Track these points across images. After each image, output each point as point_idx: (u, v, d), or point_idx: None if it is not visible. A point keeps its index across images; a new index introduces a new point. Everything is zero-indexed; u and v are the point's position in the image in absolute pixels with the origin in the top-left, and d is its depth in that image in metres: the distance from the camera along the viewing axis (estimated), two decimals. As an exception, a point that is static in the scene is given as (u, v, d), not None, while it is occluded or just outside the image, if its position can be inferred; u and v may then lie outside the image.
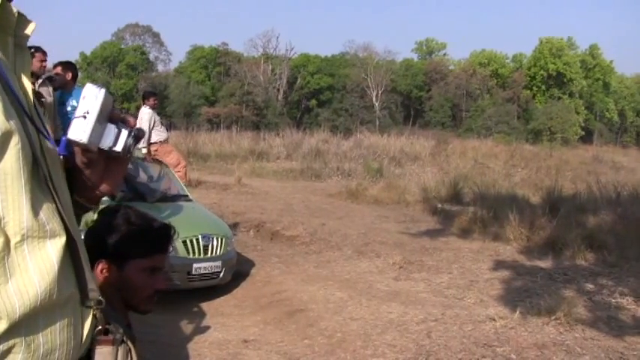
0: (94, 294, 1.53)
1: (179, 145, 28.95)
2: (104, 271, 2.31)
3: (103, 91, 1.51)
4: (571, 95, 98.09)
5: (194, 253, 8.74)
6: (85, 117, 1.48)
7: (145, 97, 14.10)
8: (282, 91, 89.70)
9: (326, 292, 8.75)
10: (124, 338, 1.80)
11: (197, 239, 8.81)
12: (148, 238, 2.40)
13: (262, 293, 9.12)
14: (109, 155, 1.59)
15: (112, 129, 1.56)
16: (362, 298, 8.41)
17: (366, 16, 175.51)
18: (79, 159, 1.56)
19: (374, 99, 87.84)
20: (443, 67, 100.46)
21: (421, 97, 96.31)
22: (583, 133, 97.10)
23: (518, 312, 7.61)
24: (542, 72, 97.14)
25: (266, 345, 7.10)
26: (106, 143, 1.55)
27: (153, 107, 13.58)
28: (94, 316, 1.56)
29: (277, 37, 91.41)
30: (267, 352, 6.87)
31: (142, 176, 10.62)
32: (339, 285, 9.16)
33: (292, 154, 31.90)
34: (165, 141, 14.15)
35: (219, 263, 8.91)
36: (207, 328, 7.63)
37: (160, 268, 2.47)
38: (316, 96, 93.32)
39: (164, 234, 2.47)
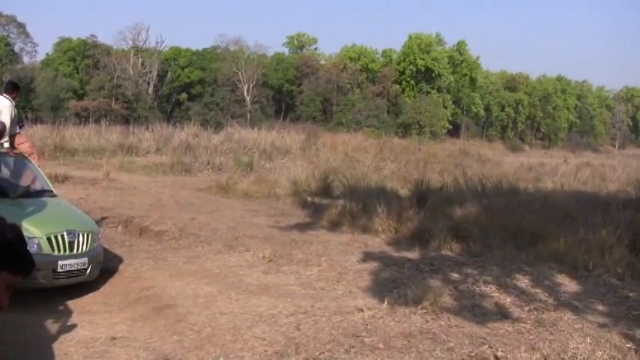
0: None
1: (45, 140, 28.19)
2: None
3: None
4: (439, 90, 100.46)
5: (59, 249, 8.52)
6: None
7: (8, 89, 13.57)
8: (152, 85, 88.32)
9: (195, 287, 8.71)
10: None
11: (62, 236, 8.59)
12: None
13: (130, 289, 8.99)
14: None
15: None
16: (231, 292, 8.40)
17: (238, 10, 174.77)
18: None
19: (245, 93, 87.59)
20: (314, 61, 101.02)
21: (292, 91, 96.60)
22: (451, 127, 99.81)
23: (386, 302, 7.75)
24: (411, 67, 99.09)
25: (134, 342, 7.01)
26: None
27: (13, 100, 13.10)
28: None
29: (147, 30, 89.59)
30: (136, 349, 6.79)
31: (4, 171, 10.31)
32: (208, 279, 9.12)
33: (162, 148, 31.56)
34: (19, 133, 13.71)
35: (85, 260, 8.72)
36: (74, 326, 7.45)
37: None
38: (187, 90, 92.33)
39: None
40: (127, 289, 9.05)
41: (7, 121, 11.34)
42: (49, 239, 8.46)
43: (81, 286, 8.91)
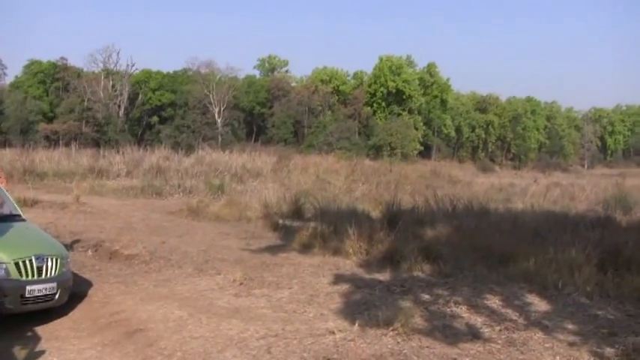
0: None
1: (14, 163, 27.98)
2: None
3: None
4: (410, 112, 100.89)
5: (27, 274, 8.40)
6: None
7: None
8: (123, 108, 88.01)
9: (166, 311, 8.64)
10: None
11: (30, 260, 8.47)
12: None
13: (100, 314, 8.89)
14: None
15: None
16: (202, 316, 8.35)
17: (209, 33, 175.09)
18: None
19: (216, 115, 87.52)
20: (285, 83, 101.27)
21: (263, 113, 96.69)
22: (422, 148, 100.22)
23: (357, 324, 7.76)
24: (382, 89, 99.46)
25: (104, 367, 6.95)
26: None
27: None
28: None
29: (118, 53, 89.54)
30: (105, 374, 6.72)
31: (-29, 196, 10.20)
32: (179, 303, 9.06)
33: (133, 171, 31.47)
34: None
35: (54, 285, 8.62)
36: (42, 352, 7.36)
37: None
38: (158, 112, 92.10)
39: None
40: (97, 313, 8.95)
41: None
42: (16, 264, 8.35)
43: (50, 311, 8.78)
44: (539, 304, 9.01)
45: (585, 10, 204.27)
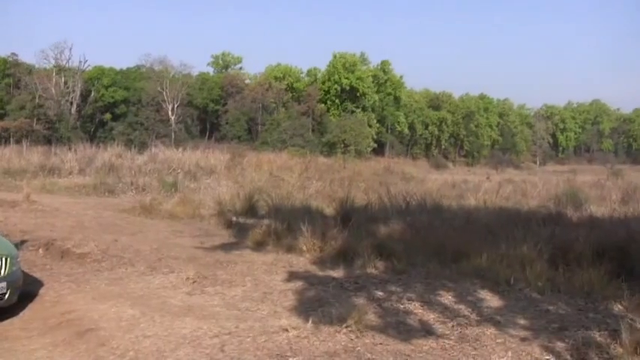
0: None
1: (-38, 162, 27.58)
2: None
3: None
4: (364, 109, 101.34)
5: (-24, 274, 8.30)
6: None
7: None
8: (75, 105, 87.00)
9: (118, 310, 8.56)
10: None
11: (-21, 260, 8.37)
12: None
13: (51, 314, 8.77)
14: None
15: None
16: (155, 315, 8.29)
17: (162, 29, 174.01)
18: None
19: (170, 113, 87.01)
20: (239, 80, 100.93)
21: (217, 110, 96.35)
22: (375, 145, 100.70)
23: (310, 322, 7.75)
24: (336, 86, 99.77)
25: (55, 368, 6.86)
26: None
27: None
28: None
29: (70, 49, 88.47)
30: (56, 375, 6.64)
31: None
32: (131, 302, 8.98)
33: (85, 169, 31.18)
34: None
35: (3, 284, 8.49)
36: (-10, 353, 7.27)
37: None
38: (111, 109, 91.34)
39: None
40: (48, 313, 8.83)
41: None
42: (-35, 264, 8.24)
43: (-1, 311, 8.68)
44: (492, 300, 9.09)
45: (536, 9, 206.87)
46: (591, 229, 12.82)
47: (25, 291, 9.44)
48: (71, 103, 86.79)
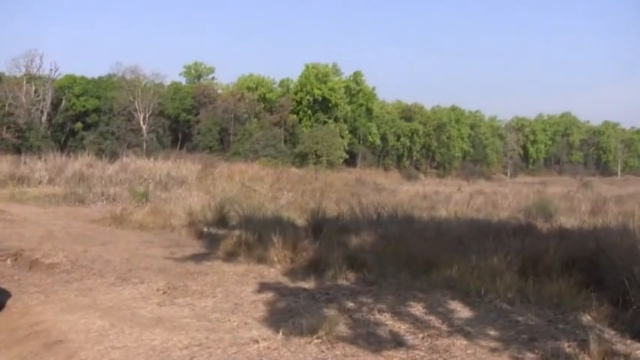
0: None
1: None
2: None
3: None
4: (336, 120, 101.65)
5: (-58, 285, 8.21)
6: None
7: None
8: (45, 113, 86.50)
9: (87, 321, 8.48)
10: None
11: (-55, 270, 8.28)
12: None
13: (19, 325, 8.67)
14: None
15: None
16: (124, 326, 8.22)
17: (134, 39, 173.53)
18: None
19: (141, 122, 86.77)
20: (211, 90, 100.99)
21: (189, 120, 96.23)
22: (347, 156, 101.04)
23: (281, 333, 7.73)
24: (308, 97, 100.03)
25: (22, 380, 6.79)
26: None
27: None
28: None
29: (41, 57, 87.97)
30: (23, 387, 6.57)
31: None
32: (100, 313, 8.91)
33: (55, 178, 30.92)
34: None
35: (-30, 296, 8.41)
36: (-45, 367, 7.17)
37: None
38: (82, 118, 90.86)
39: None
40: (15, 324, 8.73)
41: None
42: None
43: (-35, 323, 8.57)
44: (462, 311, 9.11)
45: (507, 22, 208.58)
46: (561, 240, 12.89)
47: (-8, 302, 9.34)
48: (42, 112, 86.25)
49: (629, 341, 7.75)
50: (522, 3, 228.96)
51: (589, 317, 8.73)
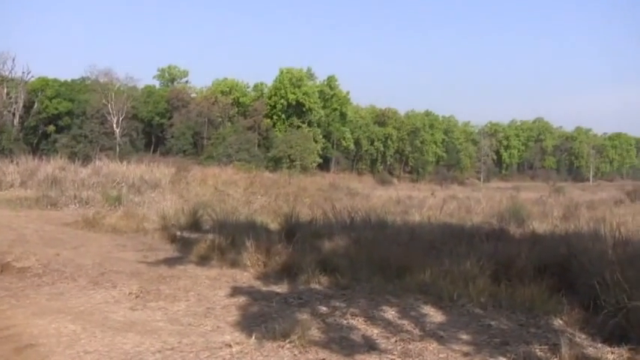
0: None
1: None
2: None
3: None
4: (310, 124, 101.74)
5: None
6: None
7: None
8: (17, 116, 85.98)
9: (58, 325, 8.42)
10: None
11: None
12: None
13: (-11, 329, 8.63)
14: None
15: None
16: (96, 330, 8.18)
17: (108, 41, 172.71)
18: None
19: (114, 125, 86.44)
20: (185, 94, 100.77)
21: (163, 124, 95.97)
22: (321, 160, 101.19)
23: (254, 337, 7.72)
24: (282, 101, 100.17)
25: (-8, 384, 6.73)
26: None
27: None
28: None
29: (13, 59, 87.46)
30: (-7, 391, 6.52)
31: None
32: (72, 317, 8.85)
33: (27, 181, 30.69)
34: None
35: (-61, 299, 8.33)
36: None
37: None
38: (54, 121, 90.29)
39: None
40: (-15, 329, 8.68)
41: None
42: None
43: None
44: (435, 315, 9.15)
45: (479, 28, 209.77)
46: (533, 245, 13.01)
47: (-38, 306, 9.26)
48: (13, 115, 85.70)
49: (599, 345, 7.81)
50: (496, 10, 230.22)
51: (560, 321, 8.80)
